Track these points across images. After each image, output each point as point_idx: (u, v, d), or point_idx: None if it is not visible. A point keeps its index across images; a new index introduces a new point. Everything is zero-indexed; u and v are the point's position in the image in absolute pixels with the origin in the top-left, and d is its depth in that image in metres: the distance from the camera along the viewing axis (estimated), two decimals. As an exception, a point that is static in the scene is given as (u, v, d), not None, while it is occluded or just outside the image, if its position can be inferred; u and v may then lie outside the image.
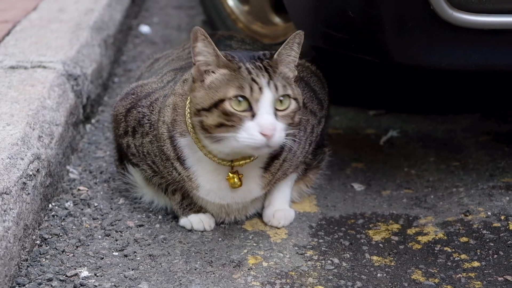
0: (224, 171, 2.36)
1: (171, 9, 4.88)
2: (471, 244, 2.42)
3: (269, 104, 2.17)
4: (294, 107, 2.23)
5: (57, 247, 2.37)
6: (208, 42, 2.21)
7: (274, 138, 2.16)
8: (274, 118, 2.17)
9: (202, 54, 2.24)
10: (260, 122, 2.15)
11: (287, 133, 2.21)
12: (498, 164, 2.89)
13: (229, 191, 2.39)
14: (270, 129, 2.14)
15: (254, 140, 2.16)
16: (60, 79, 2.94)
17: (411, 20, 2.36)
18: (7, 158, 2.31)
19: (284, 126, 2.20)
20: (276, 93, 2.19)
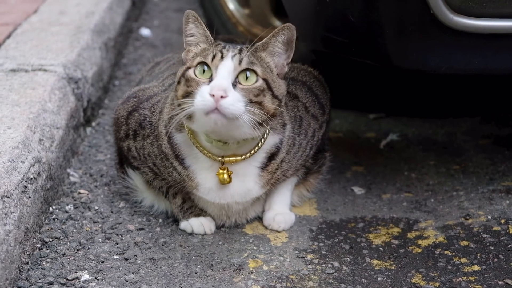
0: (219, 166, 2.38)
1: (171, 12, 4.88)
2: (471, 247, 2.42)
3: (227, 71, 2.21)
4: (259, 84, 2.23)
5: (57, 250, 2.37)
6: (199, 23, 2.31)
7: (222, 102, 2.16)
8: (228, 83, 2.19)
9: (193, 35, 2.33)
10: (212, 84, 2.19)
11: (254, 119, 2.20)
12: (498, 167, 2.90)
13: (228, 189, 2.40)
14: (218, 89, 2.16)
15: (204, 102, 2.17)
16: (61, 82, 2.95)
17: (411, 24, 2.36)
18: (8, 161, 2.31)
19: (243, 98, 2.20)
20: (238, 65, 2.22)
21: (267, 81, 2.25)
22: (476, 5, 2.31)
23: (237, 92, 2.20)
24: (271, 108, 2.26)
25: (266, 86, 2.25)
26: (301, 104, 2.52)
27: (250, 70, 2.23)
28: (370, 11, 2.39)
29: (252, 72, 2.24)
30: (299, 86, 2.56)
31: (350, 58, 2.62)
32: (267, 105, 2.25)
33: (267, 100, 2.25)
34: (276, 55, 2.30)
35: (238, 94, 2.20)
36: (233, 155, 2.36)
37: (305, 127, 2.50)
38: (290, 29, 2.28)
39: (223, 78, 2.20)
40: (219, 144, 2.32)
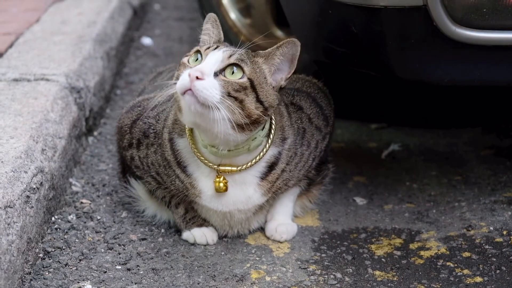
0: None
1: (172, 21, 4.90)
2: (474, 259, 2.42)
3: (213, 59, 2.22)
4: (243, 81, 2.22)
5: (60, 260, 2.37)
6: (217, 25, 2.36)
7: (196, 82, 2.16)
8: (209, 69, 2.19)
9: (208, 34, 2.37)
10: (193, 67, 2.21)
11: (235, 121, 2.19)
12: (500, 178, 2.90)
13: (229, 197, 2.40)
14: (195, 70, 2.17)
15: (181, 82, 2.19)
16: (63, 92, 2.95)
17: (414, 36, 2.37)
18: (10, 171, 2.32)
19: (220, 88, 2.19)
20: (227, 58, 2.23)
21: (253, 82, 2.24)
22: (478, 17, 2.31)
23: (216, 80, 2.20)
24: (253, 112, 2.24)
25: (250, 86, 2.24)
26: (305, 115, 2.52)
27: (238, 66, 2.23)
28: (373, 22, 2.39)
29: (239, 69, 2.23)
30: (304, 97, 2.56)
31: (353, 69, 2.62)
32: (248, 107, 2.23)
33: (249, 101, 2.23)
34: (275, 66, 2.30)
35: (216, 83, 2.19)
36: (229, 165, 2.36)
37: (308, 138, 2.50)
38: (295, 45, 2.27)
39: (206, 64, 2.21)
40: (213, 150, 2.32)
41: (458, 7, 2.31)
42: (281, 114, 2.42)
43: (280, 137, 2.41)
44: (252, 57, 2.29)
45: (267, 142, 2.37)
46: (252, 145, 2.33)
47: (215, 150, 2.32)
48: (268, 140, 2.37)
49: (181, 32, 4.66)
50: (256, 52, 2.31)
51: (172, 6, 5.23)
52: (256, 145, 2.34)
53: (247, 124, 2.23)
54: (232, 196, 2.40)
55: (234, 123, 2.20)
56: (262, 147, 2.37)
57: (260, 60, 2.30)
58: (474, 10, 2.31)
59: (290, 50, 2.28)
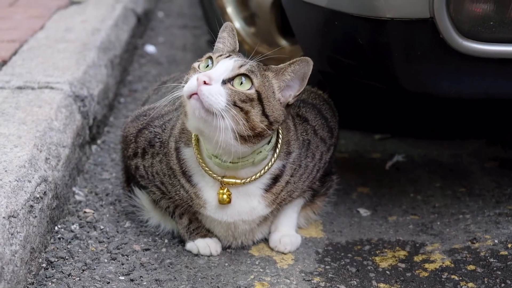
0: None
1: (176, 29, 4.89)
2: (478, 272, 2.41)
3: (224, 67, 2.22)
4: (250, 92, 2.21)
5: (63, 270, 2.36)
6: (233, 34, 2.36)
7: (203, 87, 2.15)
8: (218, 76, 2.19)
9: (223, 42, 2.37)
10: (203, 72, 2.22)
11: (238, 132, 2.19)
12: (504, 190, 2.89)
13: (234, 208, 2.39)
14: (204, 76, 2.16)
15: (188, 85, 2.19)
16: (67, 100, 2.95)
17: (420, 48, 2.36)
18: (14, 180, 2.31)
19: (226, 97, 2.18)
20: (237, 68, 2.22)
21: (260, 94, 2.23)
22: (485, 30, 2.31)
23: (223, 88, 2.19)
24: (258, 125, 2.23)
25: (257, 98, 2.23)
26: (311, 127, 2.52)
27: (247, 77, 2.22)
28: (379, 34, 2.39)
29: (248, 80, 2.23)
30: (309, 109, 2.55)
31: (358, 80, 2.62)
32: (253, 119, 2.22)
33: (254, 113, 2.22)
34: (285, 82, 2.29)
35: (223, 90, 2.19)
36: (233, 177, 2.36)
37: (312, 150, 2.50)
38: (307, 64, 2.26)
39: (216, 70, 2.21)
40: (217, 161, 2.32)
41: (465, 20, 2.30)
42: (288, 129, 2.42)
43: (285, 150, 2.40)
44: (263, 70, 2.28)
45: (273, 156, 2.36)
46: (257, 158, 2.32)
47: (219, 161, 2.31)
48: (274, 154, 2.36)
49: (184, 40, 4.66)
50: (268, 66, 2.30)
51: (176, 14, 5.23)
52: (261, 158, 2.33)
53: (250, 137, 2.23)
54: (236, 207, 2.39)
55: (237, 133, 2.20)
56: (267, 161, 2.36)
57: (270, 74, 2.29)
58: (481, 23, 2.30)
59: (302, 68, 2.27)
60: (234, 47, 2.36)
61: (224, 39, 2.38)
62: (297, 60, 2.27)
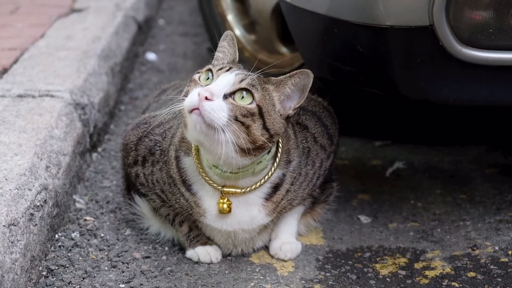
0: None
1: (177, 37, 4.90)
2: (479, 279, 2.41)
3: (224, 81, 2.21)
4: (251, 107, 2.22)
5: (63, 278, 2.36)
6: (233, 44, 2.36)
7: (205, 103, 2.15)
8: (219, 90, 2.19)
9: (223, 52, 2.37)
10: (204, 87, 2.20)
11: (239, 145, 2.19)
12: (505, 197, 2.89)
13: (234, 217, 2.39)
14: (206, 91, 2.16)
15: (190, 100, 2.19)
16: (68, 108, 2.95)
17: (420, 55, 2.37)
18: (15, 189, 2.31)
19: (228, 112, 2.18)
20: (238, 83, 2.22)
21: (261, 109, 2.23)
22: (484, 38, 2.31)
23: (225, 103, 2.19)
24: (258, 138, 2.23)
25: (258, 113, 2.23)
26: (310, 134, 2.52)
27: (248, 91, 2.23)
28: (379, 41, 2.39)
29: (249, 94, 2.23)
30: (309, 116, 2.56)
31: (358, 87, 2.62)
32: (254, 133, 2.22)
33: (255, 127, 2.22)
34: (285, 94, 2.29)
35: (225, 105, 2.19)
36: (233, 187, 2.36)
37: (312, 157, 2.50)
38: (307, 76, 2.26)
39: (217, 85, 2.21)
40: (218, 171, 2.32)
41: (465, 27, 2.31)
42: (288, 137, 2.42)
43: (285, 159, 2.40)
44: (263, 83, 2.28)
45: (273, 165, 2.36)
46: (257, 168, 2.32)
47: (219, 172, 2.31)
48: (274, 164, 2.36)
49: (185, 48, 4.67)
50: (268, 79, 2.30)
51: (177, 22, 5.23)
52: (261, 168, 2.33)
53: (250, 149, 2.23)
54: (236, 216, 2.39)
55: (238, 147, 2.20)
56: (268, 170, 2.36)
57: (271, 87, 2.29)
58: (480, 30, 2.31)
59: (302, 80, 2.27)
60: (234, 56, 2.36)
61: (224, 48, 2.38)
62: (298, 73, 2.27)
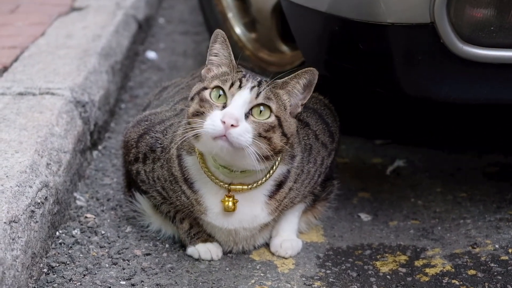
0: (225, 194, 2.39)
1: (177, 35, 4.90)
2: (479, 277, 2.41)
3: (242, 101, 2.21)
4: (271, 121, 2.24)
5: (64, 275, 2.36)
6: (226, 45, 2.31)
7: (232, 130, 2.16)
8: (241, 113, 2.19)
9: (218, 55, 2.33)
10: (225, 111, 2.20)
11: (259, 153, 2.21)
12: (505, 196, 2.89)
13: (236, 215, 2.40)
14: (229, 117, 2.17)
15: (213, 126, 2.18)
16: (68, 106, 2.95)
17: (421, 53, 2.37)
18: (15, 186, 2.31)
19: (252, 131, 2.20)
20: (255, 98, 2.22)
21: (280, 119, 2.26)
22: (485, 35, 2.31)
23: (247, 123, 2.21)
24: (278, 145, 2.26)
25: (278, 124, 2.26)
26: (312, 132, 2.52)
27: (265, 106, 2.24)
28: (380, 39, 2.40)
29: (267, 108, 2.24)
30: (310, 114, 2.56)
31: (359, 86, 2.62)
32: (275, 142, 2.25)
33: (276, 136, 2.25)
34: (293, 95, 2.30)
35: (249, 126, 2.21)
36: (240, 184, 2.36)
37: (314, 155, 2.50)
38: (312, 73, 2.27)
39: (237, 107, 2.20)
40: (226, 171, 2.33)
41: (466, 25, 2.31)
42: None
43: (289, 154, 2.41)
44: (273, 89, 2.28)
45: (277, 160, 2.37)
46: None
47: (227, 171, 2.32)
48: (278, 158, 2.37)
49: (185, 46, 4.67)
50: (276, 83, 2.29)
51: (177, 20, 5.23)
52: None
53: (269, 156, 2.26)
54: (238, 214, 2.39)
55: (259, 156, 2.23)
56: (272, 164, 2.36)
57: (280, 91, 2.29)
58: (481, 28, 2.31)
59: (308, 79, 2.28)
60: (229, 58, 2.32)
61: (217, 50, 2.34)
62: (303, 72, 2.28)
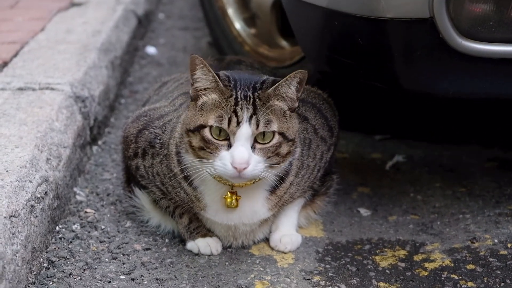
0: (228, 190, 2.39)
1: (177, 31, 4.90)
2: (478, 271, 2.42)
3: (245, 138, 2.21)
4: (276, 141, 2.25)
5: (64, 270, 2.37)
6: (207, 70, 2.26)
7: (246, 171, 2.21)
8: (249, 152, 2.21)
9: (201, 81, 2.29)
10: (233, 154, 2.21)
11: (270, 165, 2.26)
12: (504, 191, 2.90)
13: (236, 211, 2.40)
14: (240, 163, 2.19)
15: (226, 170, 2.22)
16: (68, 101, 2.95)
17: (420, 48, 2.37)
18: (15, 180, 2.32)
19: (262, 159, 2.24)
20: (256, 129, 2.23)
21: (283, 133, 2.27)
22: (485, 30, 2.31)
23: (256, 155, 2.23)
24: (286, 151, 2.29)
25: (283, 138, 2.27)
26: (311, 126, 2.53)
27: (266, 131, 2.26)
28: (379, 34, 2.40)
29: (269, 131, 2.25)
30: (309, 108, 2.56)
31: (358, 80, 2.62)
32: (282, 152, 2.28)
33: (282, 148, 2.28)
34: (287, 99, 2.29)
35: (258, 157, 2.23)
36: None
37: (313, 149, 2.51)
38: (302, 74, 2.27)
39: (243, 147, 2.21)
40: None
41: (465, 20, 2.31)
42: None
43: None
44: (266, 100, 2.26)
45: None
46: None
47: None
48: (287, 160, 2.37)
49: (185, 42, 4.67)
50: (267, 94, 2.26)
51: (177, 16, 5.23)
52: None
53: (279, 162, 2.30)
54: (238, 210, 2.40)
55: (269, 166, 2.27)
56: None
57: (275, 102, 2.28)
58: (480, 22, 2.31)
59: (298, 79, 2.27)
60: (214, 82, 2.27)
61: (199, 77, 2.28)
62: (292, 76, 2.26)
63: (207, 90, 2.28)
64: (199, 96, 2.29)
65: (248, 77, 2.31)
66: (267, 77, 2.33)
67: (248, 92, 2.25)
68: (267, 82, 2.29)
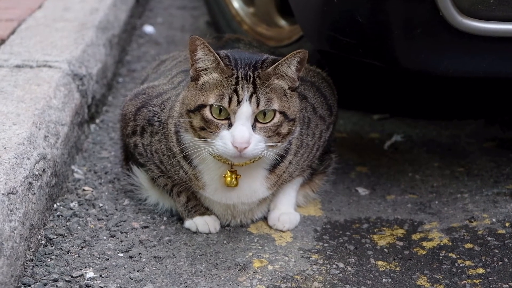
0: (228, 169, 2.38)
1: (175, 10, 4.88)
2: (476, 250, 2.42)
3: (246, 117, 2.21)
4: (277, 120, 2.25)
5: (62, 247, 2.37)
6: (208, 50, 2.25)
7: (246, 150, 2.20)
8: (249, 131, 2.21)
9: (202, 62, 2.27)
10: (234, 134, 2.20)
11: (271, 144, 2.26)
12: (502, 170, 2.90)
13: (235, 190, 2.40)
14: (241, 143, 2.19)
15: (226, 150, 2.21)
16: (66, 79, 2.94)
17: (420, 26, 2.36)
18: (13, 157, 2.31)
19: (263, 138, 2.23)
20: (256, 108, 2.22)
21: (284, 112, 2.26)
22: (485, 8, 2.31)
23: (256, 134, 2.22)
24: (286, 131, 2.29)
25: (284, 117, 2.26)
26: (310, 105, 2.52)
27: (268, 110, 2.24)
28: (379, 12, 2.39)
29: (270, 109, 2.24)
30: (308, 87, 2.56)
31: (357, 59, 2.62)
32: (283, 132, 2.28)
33: (283, 127, 2.27)
34: (288, 78, 2.28)
35: (258, 136, 2.23)
36: None
37: (312, 128, 2.50)
38: (303, 53, 2.25)
39: (243, 126, 2.20)
40: None
41: (465, -2, 2.31)
42: None
43: None
44: (267, 79, 2.24)
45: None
46: None
47: None
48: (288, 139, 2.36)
49: (183, 21, 4.65)
50: (267, 72, 2.25)
51: (175, -5, 5.22)
52: None
53: (279, 142, 2.30)
54: (237, 190, 2.40)
55: (269, 146, 2.27)
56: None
57: (276, 81, 2.26)
58: (480, 1, 2.30)
59: (299, 58, 2.25)
60: (216, 62, 2.25)
61: (200, 58, 2.26)
62: (293, 55, 2.24)
63: (208, 70, 2.27)
64: (200, 76, 2.28)
65: (248, 56, 2.30)
66: (268, 56, 2.31)
67: (249, 71, 2.24)
68: (268, 61, 2.28)
